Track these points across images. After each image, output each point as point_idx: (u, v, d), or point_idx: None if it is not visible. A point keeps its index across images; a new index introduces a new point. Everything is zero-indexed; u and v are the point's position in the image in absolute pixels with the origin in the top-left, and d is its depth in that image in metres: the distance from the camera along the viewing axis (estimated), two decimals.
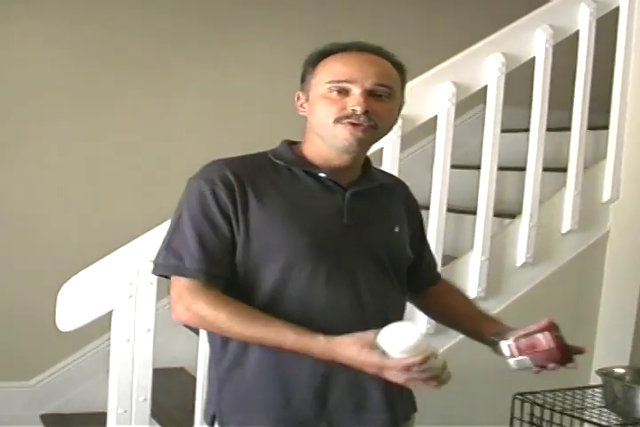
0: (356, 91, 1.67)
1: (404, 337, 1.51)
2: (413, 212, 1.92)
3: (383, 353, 1.52)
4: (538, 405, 2.20)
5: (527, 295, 2.96)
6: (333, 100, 1.68)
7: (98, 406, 2.65)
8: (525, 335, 1.71)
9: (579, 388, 2.33)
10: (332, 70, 1.70)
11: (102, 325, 2.33)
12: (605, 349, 3.05)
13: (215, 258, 1.67)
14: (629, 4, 3.03)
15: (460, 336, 2.20)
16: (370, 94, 1.67)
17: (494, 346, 1.75)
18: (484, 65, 2.79)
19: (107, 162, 3.59)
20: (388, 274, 1.77)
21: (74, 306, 2.25)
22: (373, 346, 1.53)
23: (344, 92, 1.68)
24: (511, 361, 1.71)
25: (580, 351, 1.74)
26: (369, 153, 1.83)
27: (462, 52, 2.79)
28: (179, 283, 1.67)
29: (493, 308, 2.83)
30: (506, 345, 1.72)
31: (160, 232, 2.24)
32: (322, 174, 1.72)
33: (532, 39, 2.88)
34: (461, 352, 2.42)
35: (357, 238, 1.73)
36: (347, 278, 1.70)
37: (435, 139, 2.78)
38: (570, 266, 3.04)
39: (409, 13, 4.03)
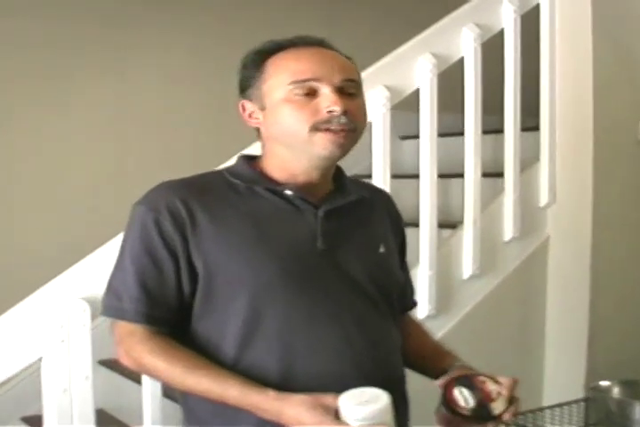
0: (325, 90, 1.42)
1: (368, 403, 1.25)
2: (397, 224, 1.67)
3: (338, 418, 1.26)
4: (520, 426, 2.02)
5: (475, 309, 2.79)
6: (301, 103, 1.42)
7: None
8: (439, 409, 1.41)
9: (560, 405, 2.17)
10: (290, 69, 1.44)
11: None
12: (557, 362, 2.91)
13: (158, 298, 1.42)
14: (550, 1, 2.92)
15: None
16: (340, 92, 1.43)
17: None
18: (415, 66, 2.62)
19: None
20: (376, 303, 1.51)
21: None
22: (329, 409, 1.27)
23: (311, 93, 1.42)
24: None
25: (507, 382, 1.41)
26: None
27: (390, 54, 2.60)
28: (118, 325, 1.45)
29: (444, 325, 2.66)
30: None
31: (94, 262, 1.98)
32: (288, 192, 1.46)
33: (460, 38, 2.73)
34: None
35: (336, 265, 1.46)
36: (329, 313, 1.43)
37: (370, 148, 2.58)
38: (515, 275, 2.90)
39: (320, 14, 3.85)
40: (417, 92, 2.63)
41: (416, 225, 2.63)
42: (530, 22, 2.93)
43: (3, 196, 3.26)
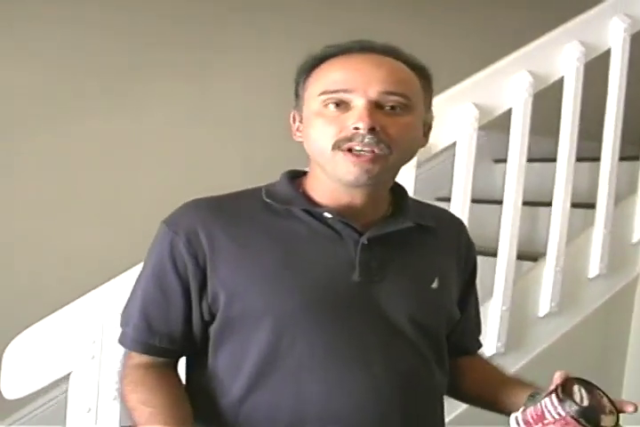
0: (357, 102, 1.25)
1: None
2: (466, 258, 1.48)
3: None
4: None
5: (550, 349, 2.58)
6: (330, 117, 1.26)
7: None
8: (535, 402, 1.24)
9: None
10: (325, 78, 1.29)
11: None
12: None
13: (159, 328, 1.31)
14: None
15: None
16: (378, 106, 1.26)
17: None
18: (510, 85, 2.42)
19: (67, 188, 3.09)
20: (414, 346, 1.34)
21: (22, 369, 1.82)
22: None
23: (344, 106, 1.26)
24: None
25: (625, 410, 1.23)
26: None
27: (484, 70, 2.41)
28: (125, 352, 1.39)
29: (513, 364, 2.46)
30: (513, 419, 1.25)
31: (129, 278, 1.85)
32: (327, 214, 1.30)
33: (561, 57, 2.52)
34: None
35: (373, 300, 1.30)
36: (355, 355, 1.28)
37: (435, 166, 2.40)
38: (596, 315, 2.68)
39: (424, 22, 3.64)
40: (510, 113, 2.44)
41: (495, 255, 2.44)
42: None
43: (63, 199, 3.09)
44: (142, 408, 1.26)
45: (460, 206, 2.31)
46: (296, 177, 1.40)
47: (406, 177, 2.15)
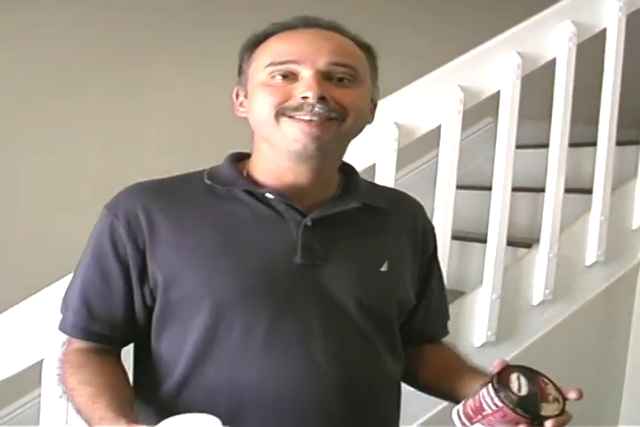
0: (305, 73, 1.23)
1: None
2: (423, 242, 1.43)
3: None
4: None
5: (544, 339, 2.52)
6: (276, 86, 1.24)
7: None
8: (474, 393, 1.20)
9: None
10: (271, 51, 1.27)
11: (31, 379, 1.92)
12: (636, 399, 2.62)
13: (99, 313, 1.29)
14: None
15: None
16: (326, 78, 1.23)
17: None
18: (496, 66, 2.35)
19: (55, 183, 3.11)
20: (359, 330, 1.30)
21: None
22: None
23: (291, 77, 1.24)
24: None
25: (577, 396, 1.18)
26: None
27: (471, 51, 2.35)
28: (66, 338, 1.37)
29: (504, 355, 2.39)
30: (455, 413, 1.22)
31: None
32: (269, 195, 1.27)
33: (552, 37, 2.45)
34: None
35: (316, 283, 1.26)
36: (294, 340, 1.25)
37: (436, 156, 2.34)
38: (595, 303, 2.61)
39: (414, 10, 3.57)
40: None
41: (482, 241, 2.39)
42: (637, 21, 2.62)
43: (38, 183, 3.10)
44: (83, 388, 1.24)
45: (444, 191, 2.25)
46: (240, 159, 1.37)
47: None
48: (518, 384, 1.16)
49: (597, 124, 2.56)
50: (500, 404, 1.14)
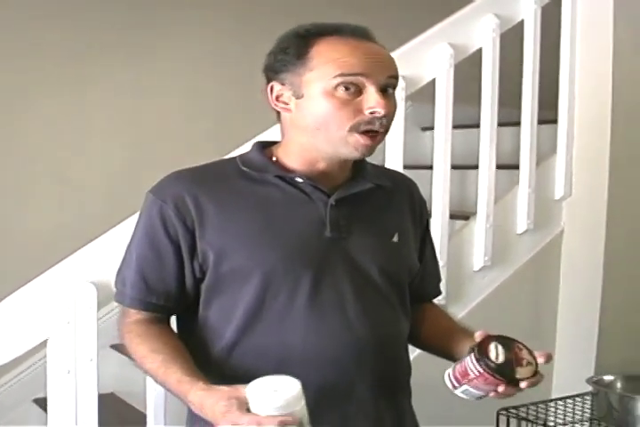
0: (371, 88, 1.38)
1: (276, 392, 1.23)
2: (420, 214, 1.64)
3: (248, 410, 1.25)
4: (525, 420, 2.02)
5: (486, 300, 2.78)
6: (344, 100, 1.38)
7: None
8: (461, 359, 1.41)
9: (562, 398, 2.17)
10: (339, 61, 1.38)
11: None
12: (568, 354, 2.90)
13: (155, 286, 1.46)
14: None
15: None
16: (382, 91, 1.40)
17: None
18: (432, 56, 2.61)
19: (24, 167, 3.29)
20: (383, 294, 1.51)
21: (2, 337, 1.95)
22: (241, 401, 1.25)
23: (355, 90, 1.38)
24: (457, 393, 1.41)
25: (544, 360, 1.39)
26: None
27: (407, 44, 2.60)
28: (121, 308, 1.53)
29: (453, 315, 2.64)
30: (446, 375, 1.42)
31: (97, 249, 2.00)
32: (299, 179, 1.46)
33: (478, 29, 2.72)
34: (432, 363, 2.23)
35: (344, 253, 1.46)
36: (331, 302, 1.44)
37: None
38: (527, 267, 2.89)
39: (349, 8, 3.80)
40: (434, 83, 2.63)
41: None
42: (550, 14, 2.90)
43: (21, 181, 3.28)
44: (154, 356, 1.40)
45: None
46: (265, 147, 1.55)
47: None
48: (496, 352, 1.37)
49: (519, 106, 2.83)
50: (481, 370, 1.36)
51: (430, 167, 2.66)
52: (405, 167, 3.18)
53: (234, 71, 3.45)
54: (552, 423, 2.00)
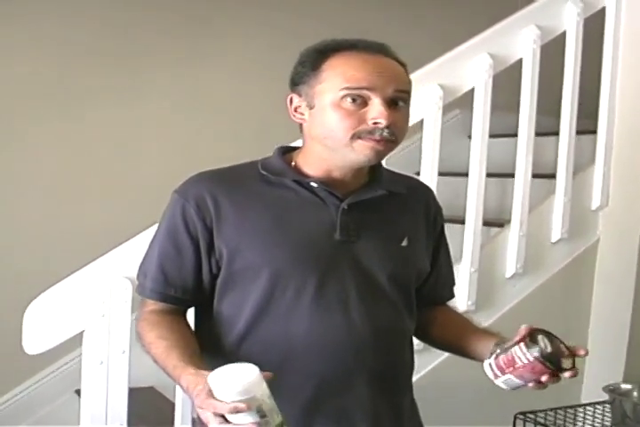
0: (375, 100, 1.46)
1: (233, 378, 1.28)
2: (434, 220, 1.71)
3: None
4: (541, 424, 2.07)
5: (517, 307, 2.83)
6: (349, 111, 1.47)
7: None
8: (505, 350, 1.46)
9: (581, 405, 2.20)
10: (345, 75, 1.47)
11: (70, 342, 2.14)
12: (598, 362, 2.92)
13: (174, 279, 1.56)
14: (616, 4, 2.93)
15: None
16: (389, 103, 1.47)
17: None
18: (471, 66, 2.66)
19: (79, 169, 3.42)
20: (387, 295, 1.58)
21: (41, 327, 2.06)
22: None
23: (360, 101, 1.47)
24: (498, 382, 1.48)
25: (578, 354, 1.45)
26: None
27: (448, 53, 2.65)
28: (141, 299, 1.63)
29: (483, 322, 2.67)
30: (487, 365, 1.48)
31: (133, 246, 2.10)
32: (314, 184, 1.54)
33: (519, 40, 2.76)
34: (455, 368, 2.28)
35: (352, 256, 1.54)
36: (335, 300, 1.52)
37: (412, 143, 2.64)
38: (560, 276, 2.92)
39: (392, 13, 3.88)
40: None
41: (460, 222, 2.70)
42: (593, 24, 2.93)
43: (75, 180, 3.42)
44: (159, 342, 1.50)
45: (428, 179, 2.55)
46: (286, 152, 1.63)
47: None
48: (544, 343, 1.44)
49: (559, 115, 2.87)
50: (531, 358, 1.41)
51: (461, 175, 2.71)
52: (447, 175, 3.27)
53: (280, 76, 3.51)
54: None
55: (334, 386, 1.51)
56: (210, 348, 1.56)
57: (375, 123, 1.46)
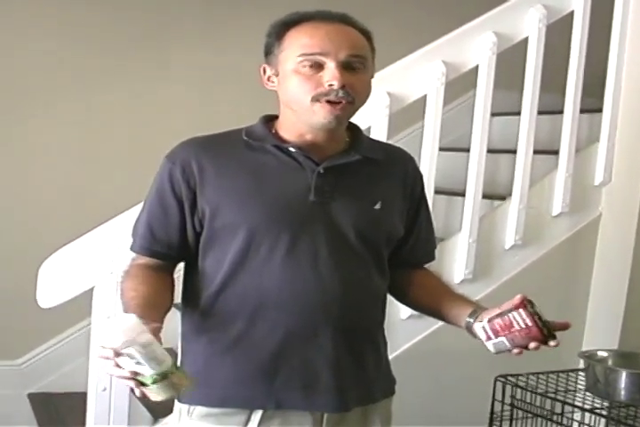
0: (330, 64, 1.60)
1: (111, 327, 1.39)
2: (412, 186, 1.82)
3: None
4: (519, 387, 2.18)
5: (516, 278, 2.93)
6: (307, 75, 1.61)
7: (84, 386, 2.63)
8: (500, 315, 1.58)
9: (562, 371, 2.31)
10: (301, 43, 1.62)
11: (88, 307, 2.33)
12: (595, 332, 3.03)
13: (160, 236, 1.70)
14: None
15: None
16: (344, 67, 1.60)
17: (470, 329, 1.65)
18: (475, 44, 2.75)
19: (93, 140, 3.58)
20: (357, 254, 1.69)
21: (54, 283, 2.23)
22: None
23: (317, 66, 1.60)
24: (488, 344, 1.60)
25: (563, 327, 1.59)
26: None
27: (453, 32, 2.75)
28: (132, 255, 1.76)
29: (481, 291, 2.81)
30: (480, 327, 1.60)
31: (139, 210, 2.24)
32: (292, 149, 1.67)
33: (525, 19, 2.84)
34: (445, 335, 2.41)
35: (324, 216, 1.66)
36: (306, 257, 1.65)
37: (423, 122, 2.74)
38: (560, 249, 3.02)
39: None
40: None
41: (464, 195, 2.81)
42: (601, 4, 2.99)
43: (91, 150, 3.60)
44: (128, 292, 1.64)
45: (429, 153, 2.66)
46: (270, 120, 1.76)
47: None
48: (540, 312, 1.57)
49: (563, 93, 2.95)
50: (530, 323, 1.55)
51: (469, 150, 2.81)
52: (457, 150, 3.36)
53: None
54: (542, 391, 2.16)
55: (300, 336, 1.64)
56: (192, 301, 1.71)
57: (330, 85, 1.59)
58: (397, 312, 2.62)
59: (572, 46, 2.93)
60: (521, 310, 1.57)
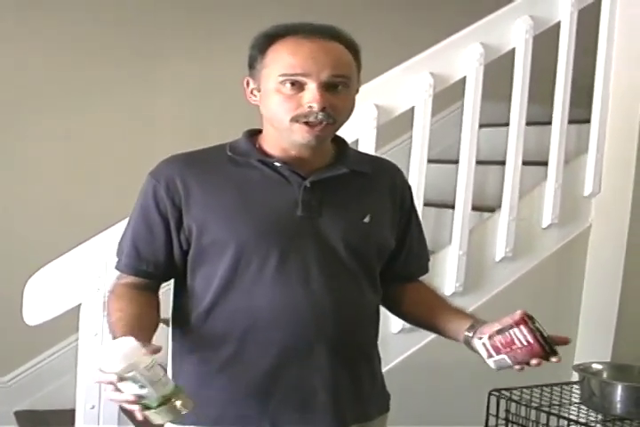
0: (311, 85, 1.55)
1: (109, 351, 1.36)
2: (402, 198, 1.78)
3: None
4: (513, 401, 2.16)
5: (506, 291, 2.91)
6: (287, 95, 1.56)
7: (71, 404, 2.60)
8: (500, 331, 1.54)
9: (556, 384, 2.29)
10: (283, 62, 1.57)
11: (75, 322, 2.30)
12: (587, 344, 3.00)
13: (145, 255, 1.66)
14: None
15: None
16: (326, 88, 1.56)
17: (469, 344, 1.62)
18: (463, 56, 2.74)
19: (78, 155, 3.55)
20: (348, 268, 1.66)
21: (40, 300, 2.21)
22: None
23: (298, 86, 1.56)
24: (489, 361, 1.56)
25: (563, 342, 1.56)
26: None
27: (440, 43, 2.74)
28: (118, 274, 1.72)
29: (472, 303, 2.78)
30: (481, 344, 1.56)
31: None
32: (277, 164, 1.63)
33: (512, 30, 2.83)
34: (437, 348, 2.38)
35: (313, 231, 1.63)
36: (297, 273, 1.61)
37: (412, 133, 2.72)
38: (550, 261, 3.00)
39: (388, 3, 3.96)
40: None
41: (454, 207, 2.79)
42: (588, 15, 2.99)
43: (82, 164, 3.56)
44: (115, 313, 1.60)
45: (417, 166, 2.64)
46: (254, 134, 1.73)
47: None
48: (542, 328, 1.53)
49: (551, 104, 2.94)
50: (532, 341, 1.51)
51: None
52: (444, 162, 3.34)
53: None
54: (536, 405, 2.13)
55: (294, 355, 1.61)
56: (182, 320, 1.67)
57: (310, 107, 1.55)
58: (388, 326, 2.59)
59: (560, 57, 2.93)
60: (522, 327, 1.53)
